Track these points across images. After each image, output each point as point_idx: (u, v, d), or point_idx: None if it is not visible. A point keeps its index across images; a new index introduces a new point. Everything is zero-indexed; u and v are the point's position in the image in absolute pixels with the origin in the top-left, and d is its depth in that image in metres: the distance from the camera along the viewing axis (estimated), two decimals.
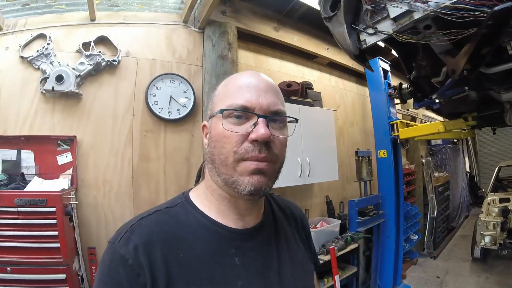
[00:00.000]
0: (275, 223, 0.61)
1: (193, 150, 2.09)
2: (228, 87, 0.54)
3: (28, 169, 1.75)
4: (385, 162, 3.22)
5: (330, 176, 2.54)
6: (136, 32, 2.07)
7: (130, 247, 0.46)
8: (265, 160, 0.49)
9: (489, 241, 3.38)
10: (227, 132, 0.49)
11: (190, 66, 2.18)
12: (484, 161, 6.91)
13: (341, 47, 1.34)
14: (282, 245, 0.59)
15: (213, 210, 0.54)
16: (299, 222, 0.69)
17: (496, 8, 0.80)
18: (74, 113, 1.85)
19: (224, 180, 0.50)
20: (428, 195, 3.88)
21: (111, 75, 1.96)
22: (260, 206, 0.59)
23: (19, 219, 1.46)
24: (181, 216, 0.53)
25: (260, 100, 0.50)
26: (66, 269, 1.50)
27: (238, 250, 0.52)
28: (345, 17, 1.24)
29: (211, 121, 0.54)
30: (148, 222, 0.50)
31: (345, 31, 1.26)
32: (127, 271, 0.44)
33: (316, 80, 2.98)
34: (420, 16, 0.98)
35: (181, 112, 2.07)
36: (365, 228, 2.87)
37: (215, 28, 2.15)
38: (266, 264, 0.54)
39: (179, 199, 0.57)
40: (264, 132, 0.47)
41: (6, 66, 1.76)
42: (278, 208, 0.66)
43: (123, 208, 1.89)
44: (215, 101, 0.55)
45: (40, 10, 1.88)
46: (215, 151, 0.51)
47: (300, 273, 0.59)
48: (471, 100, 1.95)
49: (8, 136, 1.71)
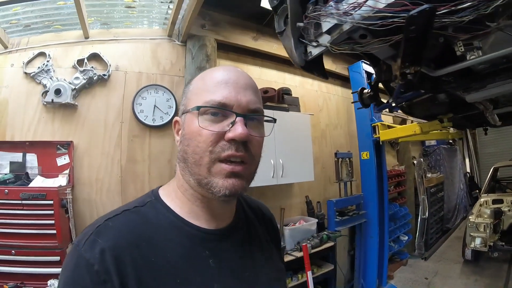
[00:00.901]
0: (247, 223, 0.60)
1: (175, 153, 2.30)
2: (205, 82, 0.51)
3: (32, 169, 2.05)
4: (368, 164, 3.33)
5: (305, 177, 2.69)
6: (125, 48, 2.33)
7: (96, 251, 0.42)
8: (242, 160, 0.47)
9: (479, 243, 3.37)
10: (203, 131, 0.46)
11: (173, 77, 2.41)
12: (485, 162, 6.70)
13: (290, 59, 1.47)
14: (255, 245, 0.58)
15: (185, 210, 0.52)
16: (269, 223, 0.68)
17: (411, 12, 0.81)
18: (71, 121, 2.14)
19: (197, 181, 0.48)
20: (419, 196, 3.91)
21: (103, 88, 2.23)
22: (233, 207, 0.58)
23: (23, 209, 1.77)
24: (151, 216, 0.49)
25: (238, 97, 0.48)
26: (61, 252, 1.80)
27: (212, 251, 0.50)
28: (292, 32, 1.35)
29: (184, 117, 0.51)
30: (116, 223, 0.46)
31: (292, 45, 1.38)
32: (93, 277, 0.41)
33: (297, 85, 3.13)
34: (348, 28, 1.02)
35: (164, 119, 2.31)
36: (343, 228, 2.99)
37: (194, 41, 2.37)
38: (241, 264, 0.53)
39: (148, 197, 0.54)
40: (242, 131, 0.45)
41: (12, 81, 2.06)
42: (249, 208, 0.65)
43: (113, 203, 2.15)
44: (190, 96, 0.52)
45: (40, 30, 2.17)
46: (189, 150, 0.48)
47: (274, 273, 0.59)
48: (441, 101, 2.00)
49: (15, 141, 2.02)
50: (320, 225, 2.86)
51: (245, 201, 0.66)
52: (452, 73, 1.24)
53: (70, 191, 1.97)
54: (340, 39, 1.12)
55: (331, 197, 3.17)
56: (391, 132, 3.05)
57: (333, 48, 1.15)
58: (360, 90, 2.36)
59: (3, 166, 2.00)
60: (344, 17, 1.02)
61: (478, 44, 1.10)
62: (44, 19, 2.13)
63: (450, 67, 1.16)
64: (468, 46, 1.11)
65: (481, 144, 6.91)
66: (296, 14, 1.26)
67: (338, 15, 1.04)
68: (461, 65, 1.12)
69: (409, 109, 2.33)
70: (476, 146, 6.98)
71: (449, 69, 1.16)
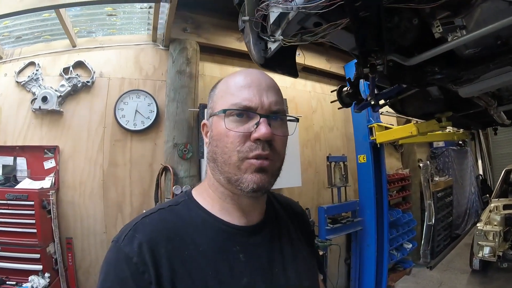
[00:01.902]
0: (278, 220, 0.62)
1: (156, 157, 2.36)
2: (229, 85, 0.54)
3: (22, 172, 2.18)
4: (364, 168, 3.15)
5: (291, 183, 2.60)
6: (109, 55, 2.39)
7: (134, 245, 0.46)
8: (267, 157, 0.50)
9: (488, 253, 3.09)
10: (230, 132, 0.50)
11: (155, 82, 2.44)
12: (498, 163, 6.09)
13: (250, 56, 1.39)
14: (285, 241, 0.59)
15: (216, 207, 0.55)
16: (301, 219, 0.70)
17: None
18: (57, 126, 2.24)
19: (227, 178, 0.51)
20: (425, 201, 3.64)
21: (87, 94, 2.31)
22: (263, 203, 0.60)
23: (8, 209, 1.90)
24: (184, 214, 0.53)
25: (262, 99, 0.51)
26: (41, 250, 1.91)
27: (242, 246, 0.52)
28: (250, 28, 1.28)
29: (211, 119, 0.55)
30: (152, 220, 0.51)
31: (250, 42, 1.32)
32: (132, 269, 0.44)
33: (289, 86, 3.04)
34: (295, 16, 0.94)
35: (145, 123, 2.34)
36: (335, 236, 2.86)
37: (176, 45, 2.37)
38: (270, 260, 0.54)
39: (182, 197, 0.58)
40: (266, 131, 0.49)
41: (5, 89, 2.21)
42: (280, 205, 0.67)
43: (95, 206, 2.23)
44: (215, 100, 0.55)
45: (31, 40, 2.30)
46: (217, 150, 0.52)
47: (304, 269, 0.59)
48: (435, 98, 1.82)
49: (7, 146, 2.16)
50: None
51: (275, 199, 0.68)
52: (437, 62, 1.04)
53: (54, 193, 2.06)
54: (292, 30, 1.04)
55: (325, 203, 3.04)
56: (387, 133, 2.87)
57: (284, 40, 1.06)
58: (339, 88, 2.20)
59: None
60: (286, 4, 0.94)
61: (461, 22, 0.91)
62: (34, 31, 2.25)
63: (425, 53, 0.95)
64: (448, 25, 0.94)
65: (494, 144, 6.32)
66: (252, 10, 1.16)
67: (281, 3, 0.96)
68: (439, 50, 0.90)
69: (401, 108, 2.15)
70: (489, 147, 6.40)
71: (424, 55, 0.94)
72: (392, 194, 3.68)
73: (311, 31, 1.00)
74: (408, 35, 0.97)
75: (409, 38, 0.97)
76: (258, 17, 1.15)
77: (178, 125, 2.26)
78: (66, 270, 2.10)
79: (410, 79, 1.19)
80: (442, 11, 0.88)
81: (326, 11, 0.82)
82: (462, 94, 1.35)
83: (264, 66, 1.32)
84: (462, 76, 1.16)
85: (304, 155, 3.00)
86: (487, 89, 1.31)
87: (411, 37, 0.97)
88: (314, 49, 3.06)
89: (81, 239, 2.18)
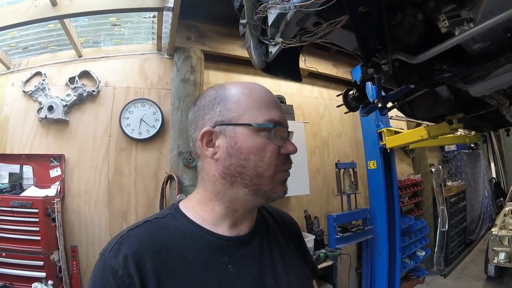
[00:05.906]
0: (268, 230, 0.61)
1: (161, 165, 2.33)
2: (255, 99, 0.54)
3: (28, 180, 2.19)
4: (375, 174, 3.06)
5: (299, 191, 2.53)
6: (114, 64, 2.41)
7: (119, 258, 0.46)
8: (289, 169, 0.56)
9: (503, 259, 2.95)
10: (269, 146, 0.51)
11: (160, 91, 2.44)
12: (511, 165, 5.84)
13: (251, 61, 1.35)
14: (275, 252, 0.58)
15: (207, 220, 0.54)
16: (292, 231, 0.69)
17: None
18: (63, 135, 2.25)
19: (255, 190, 0.52)
20: (438, 207, 3.50)
21: (92, 103, 2.32)
22: (254, 213, 0.60)
23: (13, 216, 1.91)
24: (171, 226, 0.53)
25: (284, 116, 0.56)
26: (44, 257, 1.90)
27: (231, 257, 0.52)
28: (250, 32, 1.25)
29: (233, 131, 0.52)
30: (138, 233, 0.50)
31: (251, 47, 1.28)
32: (118, 282, 0.44)
33: (295, 92, 2.99)
34: (293, 16, 0.92)
35: (150, 132, 2.33)
36: (346, 245, 2.76)
37: (180, 54, 2.37)
38: (260, 271, 0.54)
39: (168, 210, 0.57)
40: (295, 147, 0.54)
41: (13, 99, 2.23)
42: (270, 216, 0.67)
43: (100, 214, 2.22)
44: (235, 109, 0.53)
45: (38, 51, 2.33)
46: (248, 164, 0.51)
47: (296, 280, 0.58)
48: (446, 99, 1.74)
49: (14, 154, 2.18)
50: (319, 242, 2.66)
51: (266, 210, 0.68)
52: (445, 60, 0.99)
53: (58, 201, 2.05)
54: (292, 31, 1.01)
55: (334, 211, 2.96)
56: (397, 138, 2.77)
57: (284, 42, 1.04)
58: (345, 91, 2.14)
59: (3, 176, 2.16)
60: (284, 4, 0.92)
61: (467, 15, 0.85)
62: (40, 41, 2.28)
63: (432, 49, 0.89)
64: (454, 19, 0.87)
65: (507, 146, 6.08)
66: (251, 13, 1.15)
67: (278, 3, 0.95)
68: (447, 44, 0.85)
69: (411, 111, 2.07)
70: (502, 149, 6.15)
71: (432, 52, 0.89)
72: (404, 201, 3.56)
73: (310, 31, 0.97)
74: (413, 32, 0.92)
75: (414, 35, 0.93)
76: (257, 20, 1.13)
77: (183, 134, 2.24)
78: (70, 278, 2.08)
79: (417, 79, 1.15)
80: (447, 4, 0.83)
81: (324, 9, 0.79)
82: (473, 93, 1.27)
83: (265, 71, 1.29)
84: (472, 73, 1.08)
85: (312, 162, 2.94)
86: (499, 86, 1.22)
87: (416, 34, 0.92)
88: (320, 55, 3.01)
89: (86, 247, 2.17)
